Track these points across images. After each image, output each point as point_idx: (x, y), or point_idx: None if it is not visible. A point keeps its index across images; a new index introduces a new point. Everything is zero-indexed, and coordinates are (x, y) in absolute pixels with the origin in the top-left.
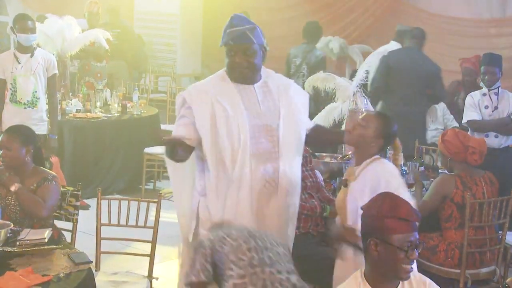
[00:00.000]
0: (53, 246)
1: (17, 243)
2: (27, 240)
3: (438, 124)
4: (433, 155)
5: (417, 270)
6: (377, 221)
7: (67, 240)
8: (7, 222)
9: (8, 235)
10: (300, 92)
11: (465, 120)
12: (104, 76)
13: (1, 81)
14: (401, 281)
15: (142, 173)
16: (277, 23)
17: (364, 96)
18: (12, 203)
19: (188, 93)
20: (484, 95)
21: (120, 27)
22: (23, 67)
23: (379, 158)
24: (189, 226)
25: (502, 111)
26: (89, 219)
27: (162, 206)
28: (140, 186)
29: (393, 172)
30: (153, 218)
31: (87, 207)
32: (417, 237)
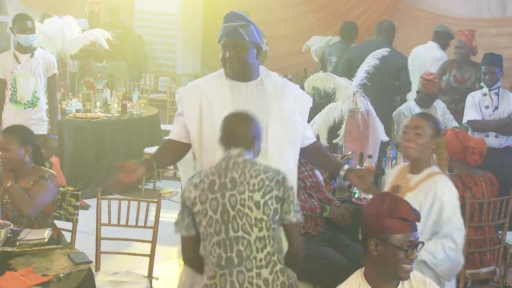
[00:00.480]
0: (53, 246)
1: (17, 243)
2: (27, 240)
3: None
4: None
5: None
6: (377, 221)
7: (67, 240)
8: (7, 222)
9: (8, 235)
10: (300, 95)
11: (465, 120)
12: (104, 76)
13: (1, 81)
14: (401, 281)
15: None
16: (277, 23)
17: (364, 96)
18: (10, 202)
19: (183, 89)
20: (485, 95)
21: (121, 27)
22: (23, 67)
23: (439, 173)
24: None
25: (503, 111)
26: (89, 219)
27: (162, 206)
28: (140, 186)
29: (453, 195)
30: (153, 218)
31: (87, 207)
32: (417, 236)
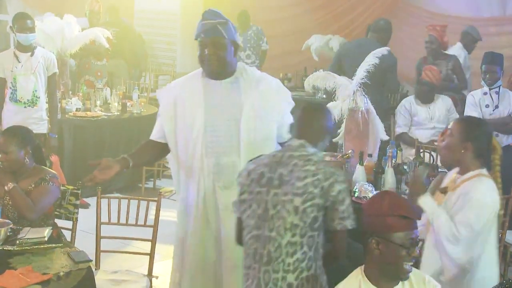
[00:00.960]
0: (53, 245)
1: (17, 241)
2: (27, 239)
3: (437, 122)
4: (433, 153)
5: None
6: (378, 219)
7: (67, 239)
8: (7, 221)
9: (8, 233)
10: (276, 90)
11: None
12: (104, 75)
13: (1, 80)
14: None
15: (142, 171)
16: (278, 22)
17: (364, 95)
18: (10, 203)
19: (161, 90)
20: (485, 94)
21: (120, 26)
22: (23, 66)
23: (483, 175)
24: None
25: (503, 110)
26: (89, 218)
27: (162, 204)
28: (140, 185)
29: (486, 196)
30: (153, 217)
31: (87, 205)
32: (418, 234)
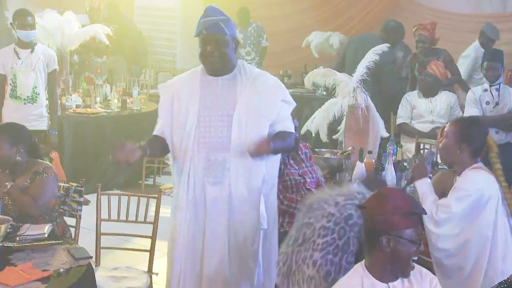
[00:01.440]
0: (53, 242)
1: (17, 238)
2: (27, 235)
3: (438, 116)
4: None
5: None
6: (387, 218)
7: (72, 236)
8: (7, 217)
9: (8, 230)
10: (273, 87)
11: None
12: (104, 72)
13: (1, 76)
14: None
15: (142, 168)
16: (277, 19)
17: (364, 92)
18: (10, 203)
19: (160, 86)
20: (485, 90)
21: (119, 22)
22: (23, 62)
23: (477, 168)
24: None
25: (503, 106)
26: (89, 214)
27: (162, 201)
28: (140, 182)
29: (470, 181)
30: (153, 214)
31: (87, 202)
32: (422, 228)
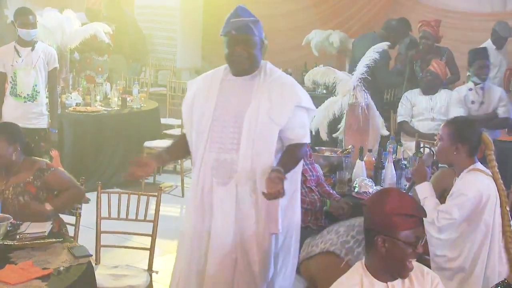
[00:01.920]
0: (53, 240)
1: (17, 236)
2: (27, 234)
3: (438, 113)
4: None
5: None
6: (383, 218)
7: (70, 234)
8: (7, 215)
9: (8, 228)
10: (289, 91)
11: (451, 116)
12: (105, 70)
13: (1, 74)
14: None
15: None
16: (277, 17)
17: (364, 90)
18: (10, 197)
19: (189, 82)
20: (470, 90)
21: (119, 20)
22: (23, 60)
23: (473, 170)
24: None
25: (488, 106)
26: (89, 212)
27: (162, 200)
28: (140, 180)
29: (468, 188)
30: (153, 212)
31: (87, 200)
32: (423, 231)
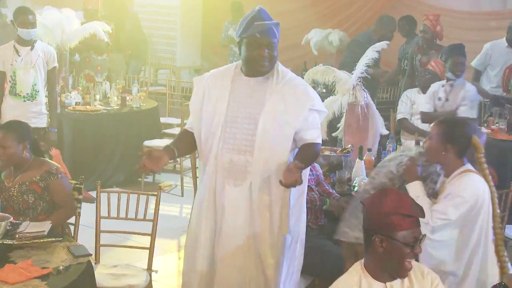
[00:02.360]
0: (53, 239)
1: (17, 235)
2: (26, 233)
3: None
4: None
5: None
6: (381, 218)
7: (72, 232)
8: (6, 214)
9: (8, 227)
10: (302, 93)
11: (419, 111)
12: (105, 70)
13: (0, 73)
14: None
15: None
16: (277, 16)
17: (363, 89)
18: (15, 194)
19: (196, 78)
20: (442, 86)
21: (120, 17)
22: (23, 59)
23: (466, 171)
24: None
25: (452, 103)
26: (88, 212)
27: (162, 199)
28: (140, 179)
29: (464, 190)
30: (153, 211)
31: (93, 200)
32: (421, 231)
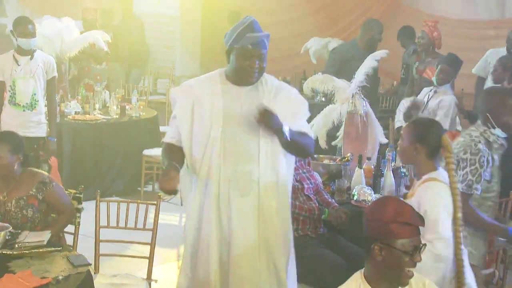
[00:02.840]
0: (52, 249)
1: (16, 245)
2: (26, 243)
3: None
4: None
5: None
6: (381, 226)
7: (69, 242)
8: (5, 224)
9: (7, 237)
10: (294, 100)
11: (396, 126)
12: (104, 79)
13: (0, 83)
14: None
15: (141, 175)
16: (276, 25)
17: (363, 98)
18: (13, 209)
19: (176, 90)
20: (430, 91)
21: (114, 29)
22: (22, 69)
23: (431, 179)
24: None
25: (430, 110)
26: (88, 221)
27: (161, 208)
28: (139, 188)
29: (438, 203)
30: (152, 220)
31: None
32: (421, 240)
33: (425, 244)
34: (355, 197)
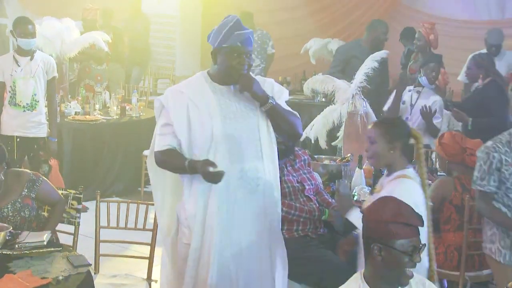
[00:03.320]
0: (52, 249)
1: (16, 245)
2: (26, 243)
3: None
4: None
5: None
6: (380, 226)
7: (69, 243)
8: (5, 225)
9: (7, 237)
10: (278, 90)
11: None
12: (104, 79)
13: (0, 83)
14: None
15: (141, 175)
16: (276, 25)
17: (363, 99)
18: (10, 214)
19: (164, 97)
20: (409, 91)
21: (113, 29)
22: (22, 70)
23: (402, 176)
24: (169, 228)
25: (417, 110)
26: (88, 221)
27: None
28: (139, 189)
29: (404, 197)
30: (152, 221)
31: (85, 209)
32: (420, 240)
33: (424, 244)
34: (355, 198)
